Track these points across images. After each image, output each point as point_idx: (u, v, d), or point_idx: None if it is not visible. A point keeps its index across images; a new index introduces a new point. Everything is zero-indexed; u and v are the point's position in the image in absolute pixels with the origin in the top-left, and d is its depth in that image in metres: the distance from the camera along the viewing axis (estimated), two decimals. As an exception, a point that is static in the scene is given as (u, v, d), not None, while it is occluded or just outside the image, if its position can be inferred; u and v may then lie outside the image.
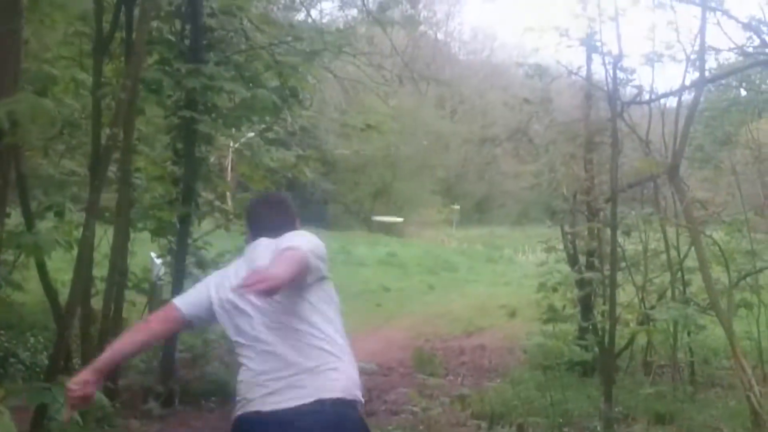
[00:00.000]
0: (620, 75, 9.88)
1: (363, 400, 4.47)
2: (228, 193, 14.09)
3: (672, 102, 11.51)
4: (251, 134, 13.53)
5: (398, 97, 30.20)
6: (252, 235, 4.72)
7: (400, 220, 46.39)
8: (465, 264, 33.90)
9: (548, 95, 12.52)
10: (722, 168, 14.04)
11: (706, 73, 9.92)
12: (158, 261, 13.07)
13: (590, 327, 11.94)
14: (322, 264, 4.39)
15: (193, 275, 11.90)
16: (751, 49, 10.48)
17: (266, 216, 4.76)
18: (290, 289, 4.17)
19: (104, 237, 10.24)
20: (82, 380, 4.38)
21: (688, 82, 9.22)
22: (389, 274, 29.05)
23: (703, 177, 16.79)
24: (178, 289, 11.28)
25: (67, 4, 8.61)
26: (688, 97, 10.22)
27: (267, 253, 4.36)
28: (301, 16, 16.18)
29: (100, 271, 10.22)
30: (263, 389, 4.26)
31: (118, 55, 10.45)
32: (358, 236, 40.63)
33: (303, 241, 4.37)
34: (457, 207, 48.17)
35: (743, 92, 22.91)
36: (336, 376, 4.27)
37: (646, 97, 10.51)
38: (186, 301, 4.64)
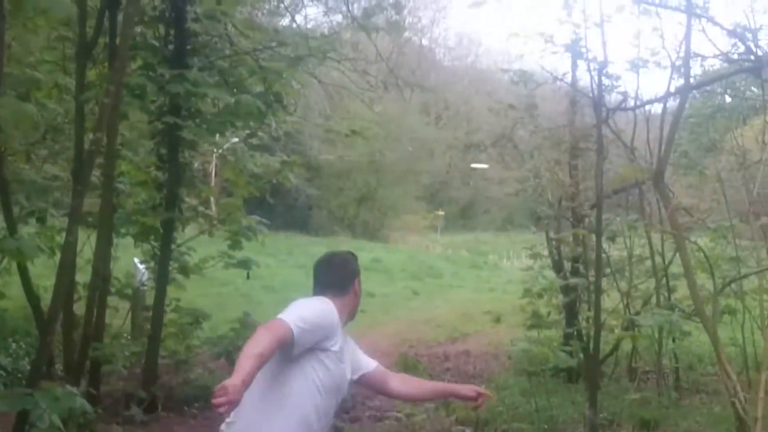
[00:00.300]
0: (605, 81, 9.85)
1: None
2: (212, 199, 14.05)
3: (657, 108, 11.51)
4: (235, 139, 13.48)
5: (383, 103, 30.20)
6: (313, 288, 5.00)
7: (486, 166, 46.27)
8: (449, 270, 33.91)
9: (533, 101, 12.50)
10: (707, 174, 14.05)
11: (691, 80, 9.93)
12: (141, 266, 13.03)
13: (575, 333, 11.92)
14: (310, 336, 4.46)
15: (176, 281, 11.88)
16: (735, 56, 10.48)
17: (322, 273, 5.05)
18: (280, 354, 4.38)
19: (87, 242, 10.21)
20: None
21: (673, 89, 9.20)
22: (374, 279, 28.95)
23: (688, 183, 16.81)
24: (161, 294, 11.25)
25: (50, 8, 8.55)
26: (673, 103, 10.25)
27: None
28: (285, 21, 16.16)
29: (83, 276, 10.19)
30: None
31: (101, 60, 10.41)
32: (342, 242, 40.52)
33: (293, 308, 4.55)
34: (441, 213, 48.21)
35: (728, 99, 23.03)
36: None
37: (631, 103, 10.48)
38: None
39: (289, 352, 4.39)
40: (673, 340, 11.78)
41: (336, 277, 5.04)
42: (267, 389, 4.46)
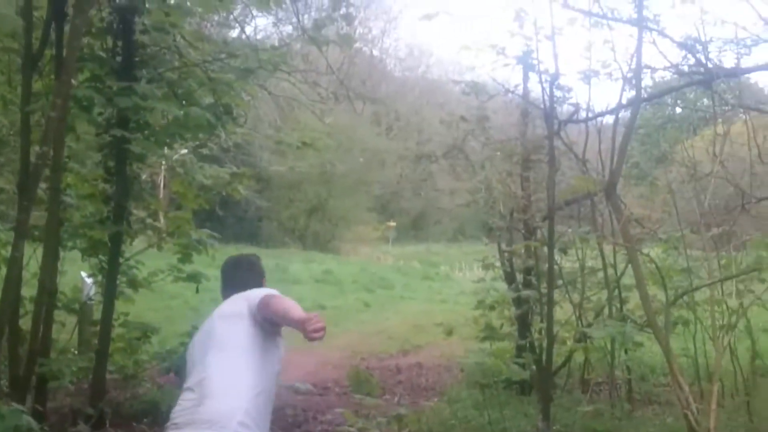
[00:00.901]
0: (557, 93, 9.86)
1: None
2: (160, 211, 13.87)
3: (608, 119, 11.56)
4: (184, 151, 13.33)
5: (334, 114, 30.11)
6: (223, 289, 5.41)
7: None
8: (401, 281, 33.90)
9: (485, 113, 12.46)
10: (657, 185, 14.12)
11: (642, 92, 9.97)
12: (89, 280, 12.84)
13: (528, 345, 11.91)
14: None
15: (124, 295, 11.72)
16: (685, 68, 10.55)
17: (235, 275, 5.42)
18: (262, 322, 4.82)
19: (33, 256, 10.04)
20: None
21: (624, 101, 9.23)
22: (325, 291, 28.93)
23: (638, 194, 16.90)
24: (109, 309, 11.07)
25: (-6, 20, 8.45)
26: (624, 114, 10.28)
27: (239, 302, 4.94)
28: (235, 33, 16.02)
29: (29, 290, 10.02)
30: None
31: (48, 71, 10.25)
32: (293, 253, 40.52)
33: (266, 290, 4.99)
34: (393, 224, 48.18)
35: (678, 110, 23.19)
36: None
37: (583, 114, 10.50)
38: None
39: (275, 322, 4.78)
40: (626, 352, 11.80)
41: (249, 277, 5.35)
42: (239, 364, 4.71)
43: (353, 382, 14.46)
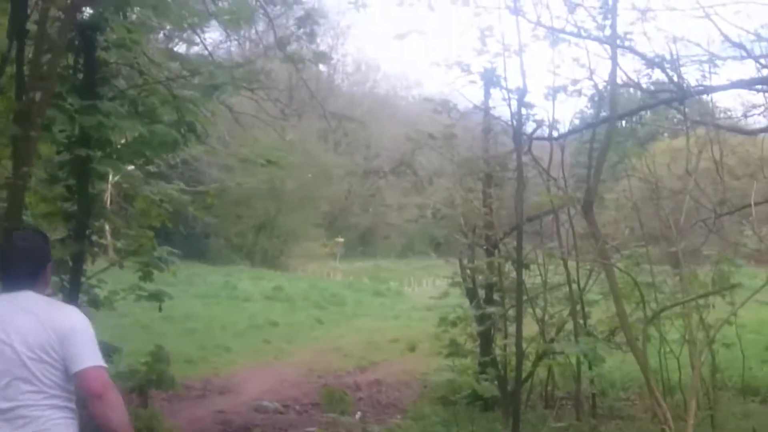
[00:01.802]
0: (523, 110, 9.85)
1: None
2: (107, 228, 13.68)
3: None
4: (131, 167, 13.16)
5: (282, 129, 30.03)
6: (4, 280, 4.39)
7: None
8: (352, 297, 33.85)
9: (452, 131, 12.37)
10: (605, 199, 14.20)
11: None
12: (47, 300, 12.63)
13: (491, 361, 11.91)
14: None
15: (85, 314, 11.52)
16: (649, 85, 10.63)
17: (10, 262, 4.39)
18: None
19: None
20: None
21: (596, 118, 9.28)
22: (276, 308, 28.82)
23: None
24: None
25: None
26: (587, 132, 10.33)
27: (45, 333, 4.27)
28: (183, 47, 15.88)
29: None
30: None
31: (7, 89, 10.08)
32: (242, 270, 40.36)
33: (94, 347, 4.45)
34: (341, 240, 48.11)
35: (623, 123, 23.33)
36: None
37: (546, 130, 10.53)
38: None
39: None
40: (590, 367, 11.83)
41: (29, 264, 4.40)
42: (55, 403, 4.28)
43: (325, 400, 14.31)
